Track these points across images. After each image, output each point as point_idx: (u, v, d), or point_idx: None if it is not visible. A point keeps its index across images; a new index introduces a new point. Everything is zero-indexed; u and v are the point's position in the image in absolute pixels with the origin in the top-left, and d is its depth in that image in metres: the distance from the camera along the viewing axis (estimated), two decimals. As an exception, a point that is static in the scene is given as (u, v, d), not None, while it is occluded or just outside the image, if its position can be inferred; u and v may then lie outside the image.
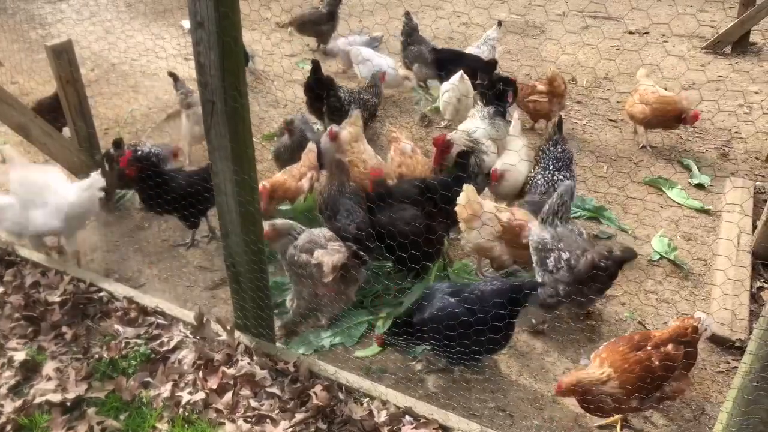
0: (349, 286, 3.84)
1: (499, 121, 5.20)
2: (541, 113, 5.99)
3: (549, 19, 9.12)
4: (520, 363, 3.73)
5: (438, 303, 3.45)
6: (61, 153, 4.93)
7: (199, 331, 3.79)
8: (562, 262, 3.62)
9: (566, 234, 3.71)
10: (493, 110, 5.21)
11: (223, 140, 3.06)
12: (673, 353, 3.06)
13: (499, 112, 5.25)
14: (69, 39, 4.78)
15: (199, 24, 2.82)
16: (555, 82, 5.83)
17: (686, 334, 3.11)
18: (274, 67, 7.92)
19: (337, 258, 3.65)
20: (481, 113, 5.27)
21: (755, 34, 7.83)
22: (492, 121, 5.19)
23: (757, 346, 2.40)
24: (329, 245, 3.81)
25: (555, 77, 5.84)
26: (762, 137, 5.96)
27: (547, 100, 5.87)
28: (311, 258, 3.74)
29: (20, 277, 4.32)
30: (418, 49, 6.97)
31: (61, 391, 3.46)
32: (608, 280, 3.64)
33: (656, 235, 4.70)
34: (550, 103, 5.87)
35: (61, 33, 8.94)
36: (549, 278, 3.67)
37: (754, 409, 2.48)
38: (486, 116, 5.22)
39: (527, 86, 6.03)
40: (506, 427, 3.32)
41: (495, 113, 5.20)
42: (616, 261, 3.57)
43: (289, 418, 3.26)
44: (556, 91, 5.83)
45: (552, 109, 5.89)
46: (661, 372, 3.03)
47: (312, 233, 3.89)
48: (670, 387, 3.11)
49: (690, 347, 3.12)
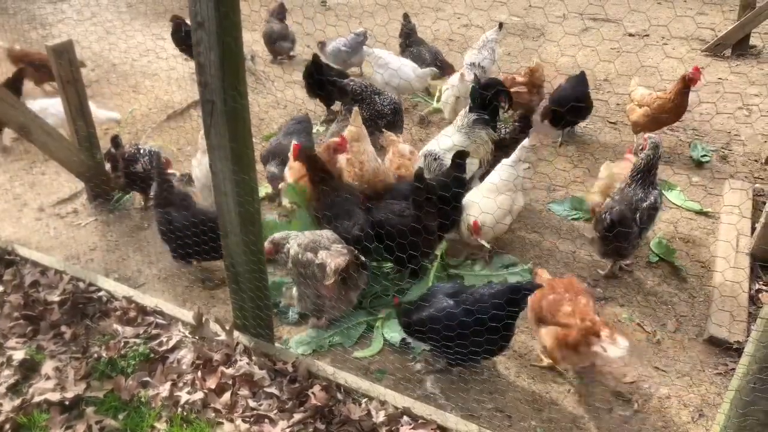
0: (350, 290, 3.84)
1: (479, 131, 4.91)
2: (522, 104, 6.08)
3: (549, 21, 9.13)
4: (518, 364, 3.74)
5: (437, 304, 3.46)
6: (61, 153, 4.94)
7: (198, 331, 3.80)
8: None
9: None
10: (474, 118, 4.86)
11: (222, 140, 3.07)
12: None
13: (481, 120, 4.89)
14: (70, 39, 4.79)
15: (199, 24, 2.83)
16: (536, 74, 5.97)
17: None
18: (274, 68, 7.94)
19: (341, 260, 3.64)
20: (460, 122, 4.97)
21: (755, 36, 7.85)
22: (470, 131, 4.88)
23: (755, 348, 2.41)
24: (333, 247, 3.81)
25: (537, 68, 5.98)
26: (761, 140, 5.97)
27: (526, 91, 6.01)
28: (315, 257, 3.73)
29: (19, 277, 4.32)
30: (417, 50, 6.98)
31: (60, 390, 3.46)
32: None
33: (655, 237, 4.71)
34: (529, 94, 6.02)
35: (61, 33, 8.95)
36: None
37: (751, 411, 2.48)
38: (464, 126, 4.90)
39: (509, 79, 6.15)
40: (504, 428, 3.32)
41: (475, 122, 4.86)
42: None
43: (288, 418, 3.27)
44: (535, 83, 5.99)
45: (532, 100, 6.04)
46: None
47: (316, 233, 3.90)
48: None
49: None
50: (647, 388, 3.55)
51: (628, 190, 4.14)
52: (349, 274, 3.71)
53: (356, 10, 9.53)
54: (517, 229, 4.86)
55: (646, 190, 4.11)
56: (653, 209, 4.11)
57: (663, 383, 3.59)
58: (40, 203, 5.44)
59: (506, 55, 7.83)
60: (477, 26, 8.76)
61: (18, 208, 5.41)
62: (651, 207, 4.08)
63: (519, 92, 6.01)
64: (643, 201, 4.07)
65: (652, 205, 4.08)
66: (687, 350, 3.81)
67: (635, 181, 4.14)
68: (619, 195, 4.17)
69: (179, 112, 6.87)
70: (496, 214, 4.17)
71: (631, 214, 4.04)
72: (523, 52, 8.01)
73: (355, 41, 7.31)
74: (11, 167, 6.00)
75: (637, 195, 4.09)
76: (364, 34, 7.35)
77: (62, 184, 5.66)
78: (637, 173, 4.15)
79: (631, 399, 3.50)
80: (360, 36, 7.33)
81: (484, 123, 4.89)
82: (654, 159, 4.11)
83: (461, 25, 9.05)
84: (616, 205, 4.09)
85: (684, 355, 3.77)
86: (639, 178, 4.14)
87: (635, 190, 4.12)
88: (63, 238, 4.98)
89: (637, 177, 4.15)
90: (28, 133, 4.68)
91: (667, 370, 3.68)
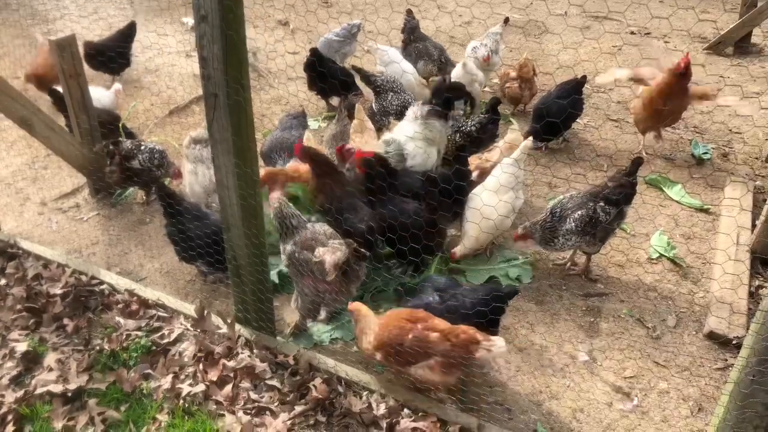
0: (351, 282, 3.85)
1: (434, 122, 4.91)
2: (515, 98, 6.35)
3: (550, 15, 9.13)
4: (518, 358, 3.75)
5: (424, 296, 3.54)
6: (63, 147, 4.95)
7: (200, 324, 3.81)
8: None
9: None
10: (427, 109, 4.89)
11: (225, 133, 3.08)
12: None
13: (435, 112, 4.91)
14: (73, 34, 4.81)
15: (202, 18, 2.84)
16: (524, 68, 6.19)
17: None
18: (276, 63, 7.93)
19: (338, 256, 3.65)
20: (414, 113, 4.98)
21: (757, 34, 7.84)
22: (425, 122, 4.91)
23: (754, 340, 2.42)
24: (330, 242, 3.82)
25: (525, 64, 6.20)
26: (762, 137, 5.97)
27: (517, 85, 6.25)
28: (312, 256, 3.74)
29: (22, 270, 4.34)
30: (423, 45, 6.97)
31: (62, 382, 3.48)
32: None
33: (655, 233, 4.72)
34: (520, 89, 6.26)
35: (64, 28, 8.96)
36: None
37: (750, 403, 2.49)
38: (418, 116, 4.93)
39: (503, 74, 6.42)
40: (504, 422, 3.34)
41: (430, 113, 4.88)
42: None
43: (289, 410, 3.29)
44: (525, 77, 6.20)
45: (522, 94, 6.29)
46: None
47: (314, 230, 3.90)
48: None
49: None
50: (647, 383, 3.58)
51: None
52: (349, 267, 3.73)
53: (359, 5, 9.52)
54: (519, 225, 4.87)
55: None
56: None
57: (663, 378, 3.61)
58: (43, 197, 5.46)
59: (508, 51, 7.83)
60: (479, 20, 8.75)
61: (20, 202, 5.43)
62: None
63: (510, 87, 6.29)
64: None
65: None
66: (687, 345, 3.82)
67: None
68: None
69: (181, 108, 6.89)
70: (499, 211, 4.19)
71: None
72: (525, 48, 8.01)
73: (346, 31, 7.24)
74: (14, 162, 6.02)
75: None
76: (358, 25, 7.32)
77: (64, 179, 5.68)
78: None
79: (630, 393, 3.52)
80: (353, 27, 7.29)
81: (437, 114, 4.94)
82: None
83: (463, 23, 9.05)
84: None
85: (684, 350, 3.78)
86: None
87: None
88: (65, 232, 5.00)
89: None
90: (30, 126, 4.70)
91: (667, 364, 3.69)
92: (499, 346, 3.14)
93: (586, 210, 4.04)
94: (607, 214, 4.05)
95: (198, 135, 4.82)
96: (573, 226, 4.03)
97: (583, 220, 4.01)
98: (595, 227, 4.03)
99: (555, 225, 4.08)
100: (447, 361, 3.16)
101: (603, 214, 4.04)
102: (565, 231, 4.06)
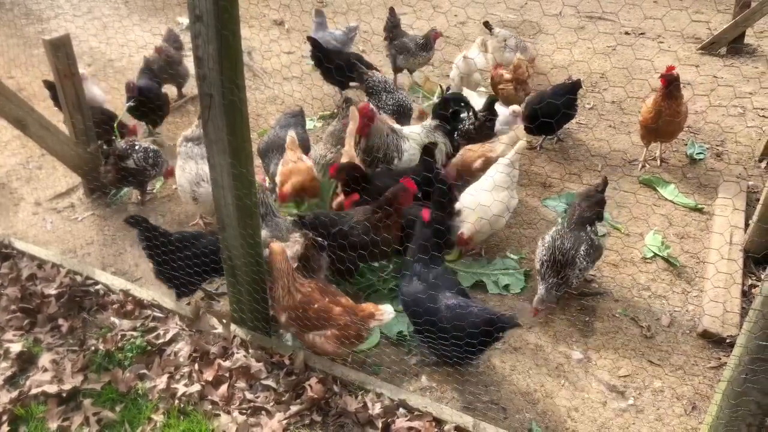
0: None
1: (438, 136, 5.07)
2: (509, 99, 6.28)
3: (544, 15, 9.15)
4: (513, 357, 3.77)
5: (413, 284, 3.57)
6: (58, 147, 4.94)
7: (195, 324, 3.81)
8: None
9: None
10: (435, 124, 5.11)
11: (220, 133, 3.08)
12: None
13: (441, 128, 5.11)
14: (67, 33, 4.78)
15: (197, 17, 2.84)
16: (519, 70, 6.23)
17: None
18: (272, 63, 7.93)
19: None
20: (425, 124, 5.20)
21: (750, 35, 7.88)
22: (430, 133, 5.08)
23: (747, 339, 2.44)
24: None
25: (519, 65, 6.24)
26: (755, 137, 6.00)
27: (512, 86, 6.27)
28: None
29: (17, 270, 4.33)
30: (401, 42, 7.02)
31: (57, 382, 3.48)
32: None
33: (650, 232, 4.74)
34: (515, 90, 6.27)
35: (58, 28, 8.92)
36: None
37: (743, 402, 2.51)
38: (427, 126, 5.13)
39: (498, 75, 6.41)
40: (500, 421, 3.35)
41: (436, 127, 5.10)
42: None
43: (284, 410, 3.29)
44: (518, 78, 6.23)
45: (518, 95, 6.28)
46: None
47: (277, 225, 3.92)
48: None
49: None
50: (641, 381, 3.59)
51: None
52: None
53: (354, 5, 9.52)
54: (514, 225, 4.89)
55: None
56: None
57: (657, 376, 3.63)
58: (37, 197, 5.44)
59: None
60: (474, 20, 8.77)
61: (15, 202, 5.41)
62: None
63: (505, 88, 6.31)
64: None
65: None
66: (681, 344, 3.84)
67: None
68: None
69: (176, 107, 6.87)
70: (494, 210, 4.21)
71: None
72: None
73: (344, 35, 7.30)
74: (8, 161, 6.00)
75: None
76: (355, 29, 7.33)
77: (59, 179, 5.66)
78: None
79: (625, 392, 3.53)
80: (352, 31, 7.32)
81: (443, 131, 5.12)
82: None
83: (458, 23, 9.06)
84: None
85: (678, 349, 3.80)
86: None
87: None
88: (60, 232, 4.99)
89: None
90: (25, 126, 4.68)
91: (661, 363, 3.71)
92: (388, 313, 3.48)
93: (586, 241, 3.96)
94: (596, 233, 4.11)
95: (190, 133, 4.85)
96: (585, 263, 3.94)
97: (589, 251, 3.95)
98: (597, 250, 4.05)
99: (567, 274, 3.88)
100: (342, 334, 3.41)
101: (594, 236, 4.06)
102: (579, 272, 3.93)
